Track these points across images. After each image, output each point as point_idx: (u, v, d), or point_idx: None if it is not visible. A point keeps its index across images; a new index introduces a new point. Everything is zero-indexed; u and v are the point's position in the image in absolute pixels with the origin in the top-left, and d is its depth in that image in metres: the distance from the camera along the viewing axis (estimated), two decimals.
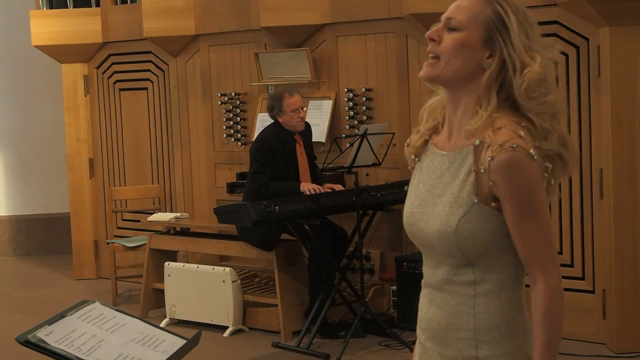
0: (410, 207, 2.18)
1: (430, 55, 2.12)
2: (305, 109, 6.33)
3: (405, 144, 2.28)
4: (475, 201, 2.04)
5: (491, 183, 2.01)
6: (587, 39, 5.70)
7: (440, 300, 2.13)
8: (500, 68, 2.07)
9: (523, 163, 1.99)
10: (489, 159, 2.00)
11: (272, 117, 6.25)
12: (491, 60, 2.07)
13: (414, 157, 2.24)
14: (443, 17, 2.15)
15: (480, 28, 2.08)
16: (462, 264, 2.08)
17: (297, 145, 6.29)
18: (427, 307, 2.17)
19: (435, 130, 2.22)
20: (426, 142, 2.22)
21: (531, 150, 2.00)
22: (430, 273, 2.16)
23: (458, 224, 2.04)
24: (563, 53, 5.82)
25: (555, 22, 5.81)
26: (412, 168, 2.26)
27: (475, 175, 2.04)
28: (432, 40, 2.13)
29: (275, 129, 6.25)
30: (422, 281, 2.21)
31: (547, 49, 2.10)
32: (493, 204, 2.03)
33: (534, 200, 2.01)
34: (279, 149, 6.17)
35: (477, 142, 2.04)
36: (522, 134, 2.01)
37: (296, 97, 6.19)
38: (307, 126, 6.41)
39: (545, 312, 2.02)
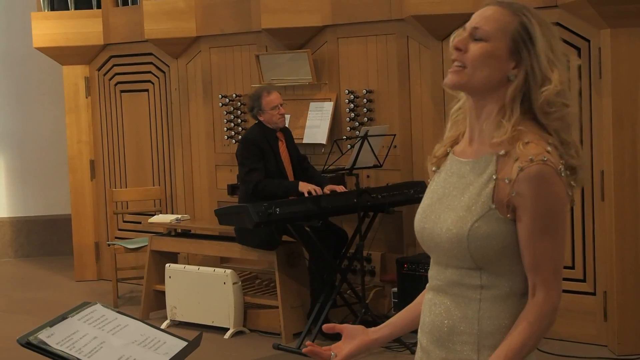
0: (422, 211, 2.20)
1: (455, 63, 2.14)
2: (284, 105, 6.38)
3: (429, 157, 2.29)
4: (492, 207, 2.05)
5: (514, 194, 2.02)
6: (589, 41, 5.70)
7: (445, 303, 2.13)
8: (525, 79, 2.10)
9: (552, 177, 2.01)
10: (519, 169, 2.01)
11: (253, 116, 6.36)
12: (517, 71, 2.10)
13: (434, 168, 2.26)
14: (468, 26, 2.16)
15: (507, 39, 2.10)
16: (471, 268, 2.09)
17: (280, 142, 6.35)
18: (431, 310, 2.17)
19: (456, 141, 2.24)
20: (447, 153, 2.24)
21: (560, 167, 2.02)
22: (437, 276, 2.17)
23: (471, 228, 2.05)
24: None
25: (557, 23, 5.81)
26: (430, 179, 2.27)
27: (495, 183, 2.05)
28: (458, 49, 2.14)
29: (258, 128, 6.31)
30: (427, 285, 2.21)
31: (565, 62, 2.12)
32: (509, 215, 2.04)
33: (555, 216, 2.03)
34: (266, 147, 6.21)
35: (503, 152, 2.06)
36: (550, 150, 2.04)
37: (274, 94, 6.26)
38: (287, 128, 6.49)
39: (535, 319, 2.03)
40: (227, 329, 6.35)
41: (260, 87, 6.49)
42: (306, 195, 6.02)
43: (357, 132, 6.67)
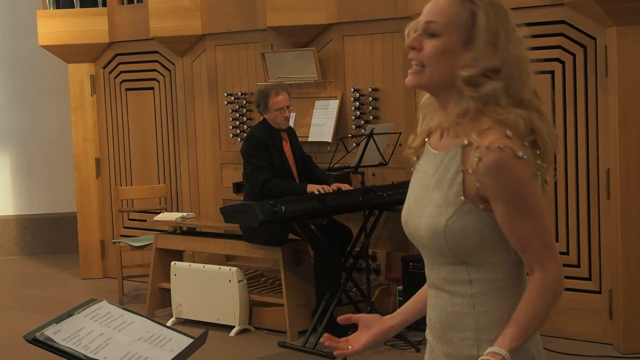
0: (406, 207, 2.20)
1: (413, 63, 2.12)
2: (290, 108, 6.36)
3: (407, 146, 2.28)
4: (463, 200, 2.04)
5: (478, 185, 2.01)
6: (595, 39, 5.69)
7: (441, 300, 2.14)
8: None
9: (510, 163, 1.98)
10: (476, 159, 2.00)
11: (259, 112, 6.36)
12: None
13: (414, 158, 2.26)
14: (421, 22, 2.14)
15: (459, 31, 2.07)
16: (455, 263, 2.09)
17: (284, 142, 6.34)
18: (434, 307, 2.18)
19: (431, 131, 2.23)
20: (424, 142, 2.23)
21: (519, 152, 1.98)
22: (431, 274, 2.18)
23: (446, 224, 2.04)
24: (570, 53, 5.81)
25: (563, 21, 5.81)
26: (414, 169, 2.27)
27: (463, 175, 2.04)
28: (413, 48, 2.12)
29: (262, 125, 6.31)
30: (427, 282, 2.22)
31: (521, 41, 2.09)
32: (481, 205, 2.03)
33: (524, 199, 2.00)
34: (271, 144, 6.21)
35: (465, 142, 2.05)
36: (510, 134, 2.00)
37: (283, 96, 6.24)
38: (291, 127, 6.49)
39: (538, 295, 2.01)
40: (233, 327, 6.35)
41: (272, 85, 6.45)
42: (316, 193, 6.01)
43: (363, 130, 6.67)
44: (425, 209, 2.11)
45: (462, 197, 2.04)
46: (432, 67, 2.09)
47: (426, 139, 2.23)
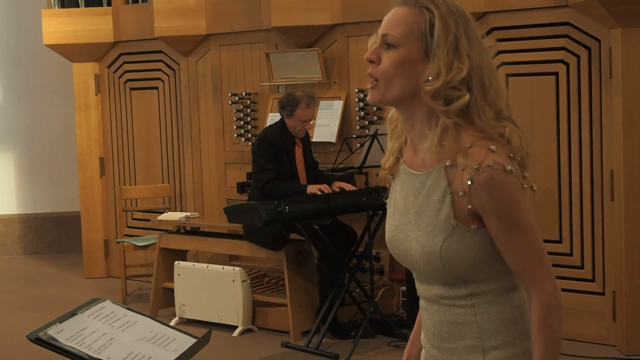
0: (390, 230, 2.16)
1: (371, 78, 2.05)
2: (313, 122, 6.34)
3: (380, 165, 2.22)
4: (454, 224, 1.99)
5: (470, 206, 1.97)
6: (599, 40, 5.69)
7: (440, 312, 2.10)
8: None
9: (502, 180, 1.94)
10: (468, 182, 1.95)
11: (281, 114, 6.29)
12: None
13: (390, 177, 2.20)
14: (379, 34, 2.07)
15: (417, 40, 2.00)
16: (453, 283, 2.05)
17: (297, 147, 6.33)
18: (428, 317, 2.14)
19: (402, 148, 2.16)
20: (398, 159, 2.17)
21: (508, 166, 1.95)
22: (423, 289, 2.14)
23: (442, 249, 2.00)
24: (575, 54, 5.81)
25: (567, 23, 5.80)
26: (389, 186, 2.22)
27: (451, 197, 1.99)
28: (372, 61, 2.04)
29: (277, 127, 6.29)
30: (417, 292, 2.18)
31: (484, 50, 2.03)
32: (474, 225, 1.99)
33: (518, 214, 1.97)
34: (281, 148, 6.20)
35: (448, 162, 1.99)
36: (494, 148, 1.96)
37: (311, 110, 6.22)
38: (306, 133, 6.46)
39: (541, 323, 1.99)
40: (236, 327, 6.35)
41: (303, 95, 6.27)
42: (318, 193, 6.01)
43: (367, 130, 6.66)
44: (413, 233, 2.06)
45: (454, 221, 1.99)
46: (386, 81, 2.01)
47: (399, 156, 2.16)
